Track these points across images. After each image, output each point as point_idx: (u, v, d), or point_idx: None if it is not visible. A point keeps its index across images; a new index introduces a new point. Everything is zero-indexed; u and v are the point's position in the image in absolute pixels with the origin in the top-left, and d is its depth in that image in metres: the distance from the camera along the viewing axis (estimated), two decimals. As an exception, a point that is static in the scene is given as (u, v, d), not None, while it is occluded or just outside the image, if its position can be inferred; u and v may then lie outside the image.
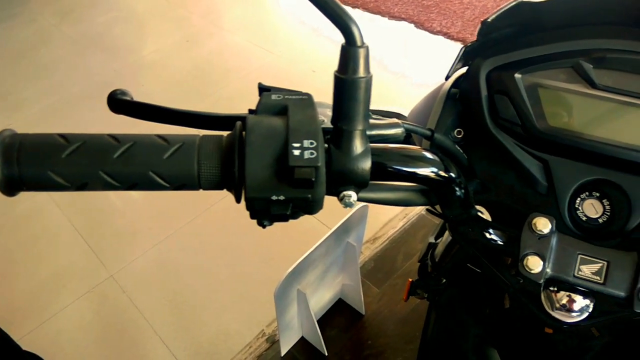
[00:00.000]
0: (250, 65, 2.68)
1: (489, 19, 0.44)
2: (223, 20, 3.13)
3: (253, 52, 2.77)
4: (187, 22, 3.13)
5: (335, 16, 0.30)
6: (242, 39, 2.89)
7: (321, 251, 1.24)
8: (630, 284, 0.42)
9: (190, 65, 2.72)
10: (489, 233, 0.47)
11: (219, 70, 2.66)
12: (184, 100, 2.45)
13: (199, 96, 2.46)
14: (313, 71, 2.58)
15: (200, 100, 2.42)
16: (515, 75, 0.46)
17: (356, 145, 0.34)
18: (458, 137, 0.52)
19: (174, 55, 2.82)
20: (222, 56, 2.79)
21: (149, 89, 2.58)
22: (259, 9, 3.24)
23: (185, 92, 2.52)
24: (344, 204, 0.36)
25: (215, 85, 2.51)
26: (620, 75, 0.44)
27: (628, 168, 0.45)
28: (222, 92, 2.46)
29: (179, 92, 2.52)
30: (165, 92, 2.54)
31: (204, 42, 2.91)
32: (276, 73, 2.58)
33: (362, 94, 0.33)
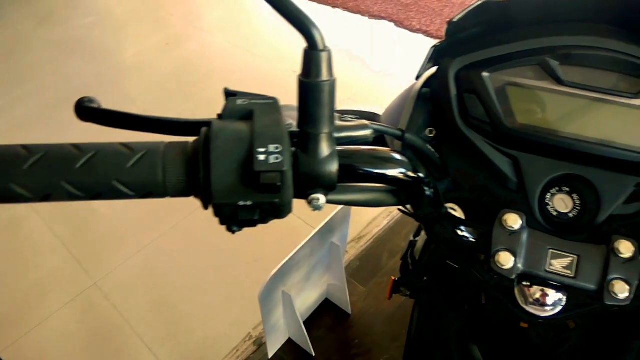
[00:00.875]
0: (232, 66, 2.67)
1: (455, 19, 0.45)
2: (203, 21, 3.11)
3: (234, 53, 2.76)
4: (167, 24, 3.11)
5: (296, 21, 0.30)
6: (222, 40, 2.88)
7: (305, 252, 1.24)
8: (600, 277, 0.43)
9: (171, 68, 2.70)
10: (461, 230, 0.47)
11: (200, 72, 2.65)
12: (165, 103, 2.43)
13: (180, 99, 2.45)
14: (294, 71, 2.56)
15: (182, 102, 2.41)
16: (483, 74, 0.47)
17: (323, 148, 0.34)
18: (430, 136, 0.52)
19: (155, 58, 2.80)
20: (202, 58, 2.78)
21: (129, 93, 2.55)
22: (238, 10, 3.23)
23: (167, 94, 2.50)
24: (313, 207, 0.36)
25: (197, 87, 2.49)
26: (586, 72, 0.45)
27: (596, 162, 0.46)
28: (203, 93, 2.45)
29: (160, 95, 2.50)
30: (146, 95, 2.52)
31: (185, 44, 2.90)
32: (257, 74, 2.57)
33: (326, 97, 0.33)
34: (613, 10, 0.45)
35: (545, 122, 0.46)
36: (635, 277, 0.42)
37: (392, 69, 2.50)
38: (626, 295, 0.42)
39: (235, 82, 2.55)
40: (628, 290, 0.42)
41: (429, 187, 0.43)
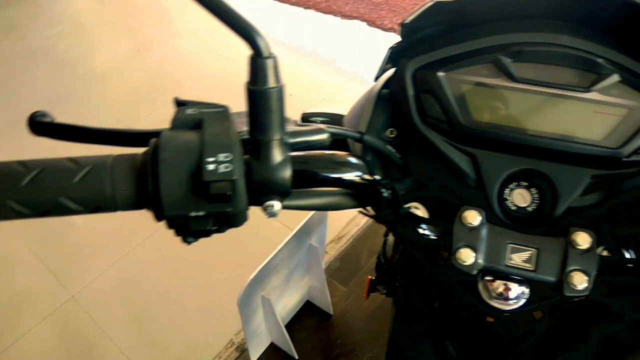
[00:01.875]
0: (205, 71, 2.65)
1: (406, 21, 0.45)
2: (174, 27, 3.09)
3: (207, 58, 2.74)
4: (137, 31, 3.07)
5: (239, 29, 0.30)
6: (195, 45, 2.85)
7: (283, 255, 1.23)
8: (559, 269, 0.44)
9: (143, 75, 2.67)
10: (422, 229, 0.48)
11: (173, 78, 2.63)
12: (138, 110, 2.40)
13: (153, 106, 2.42)
14: (268, 74, 2.56)
15: (155, 109, 2.38)
16: (439, 73, 0.47)
17: (275, 155, 0.34)
18: (391, 137, 0.52)
19: (126, 65, 2.77)
20: (175, 64, 2.75)
21: (101, 101, 2.52)
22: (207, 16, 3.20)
23: (139, 102, 2.47)
24: (268, 214, 0.36)
25: (170, 94, 2.45)
26: (539, 68, 0.46)
27: (552, 157, 0.47)
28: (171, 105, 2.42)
29: (132, 103, 2.47)
30: (118, 103, 2.48)
31: (156, 51, 2.87)
32: (231, 78, 2.55)
33: (275, 103, 0.33)
34: (564, 6, 0.46)
35: (501, 119, 0.47)
36: (593, 268, 0.43)
37: (365, 70, 2.51)
38: (585, 285, 0.43)
39: (209, 87, 2.53)
40: (586, 281, 0.43)
41: (387, 189, 0.43)
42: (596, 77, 0.45)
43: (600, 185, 0.46)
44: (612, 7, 0.44)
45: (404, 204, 0.51)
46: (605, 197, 0.46)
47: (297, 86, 2.49)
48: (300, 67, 2.61)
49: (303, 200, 0.42)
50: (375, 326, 1.51)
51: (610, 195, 0.46)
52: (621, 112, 0.45)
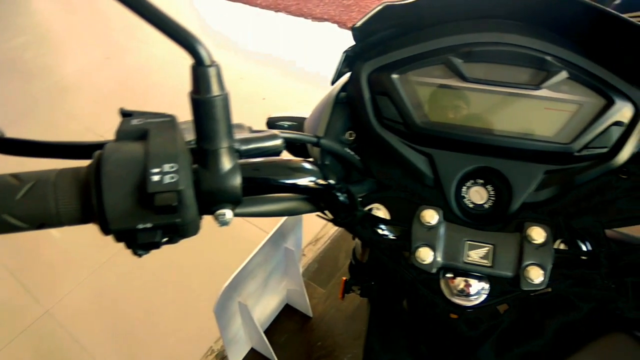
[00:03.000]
0: (176, 77, 2.62)
1: (357, 25, 0.45)
2: (144, 33, 3.05)
3: (177, 64, 2.71)
4: (106, 39, 3.03)
5: (179, 38, 0.30)
6: (165, 52, 2.82)
7: (258, 260, 1.23)
8: (516, 264, 0.45)
9: (113, 83, 2.64)
10: (381, 229, 0.48)
11: (143, 85, 2.60)
12: (109, 120, 2.35)
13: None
14: (241, 78, 2.56)
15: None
16: (393, 75, 0.48)
17: (223, 163, 0.34)
18: (350, 139, 0.53)
19: (95, 74, 2.73)
20: (145, 71, 2.72)
21: (70, 111, 2.47)
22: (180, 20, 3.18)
23: (109, 111, 2.41)
24: (219, 223, 0.35)
25: (141, 101, 2.44)
26: (489, 67, 0.47)
27: (505, 154, 0.48)
28: (147, 107, 2.39)
29: (102, 113, 2.43)
30: (88, 112, 2.44)
31: (126, 58, 2.83)
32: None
33: (220, 112, 0.33)
34: (512, 5, 0.47)
35: (455, 119, 0.48)
36: (549, 262, 0.44)
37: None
38: (541, 279, 0.44)
39: (180, 92, 2.50)
40: (542, 275, 0.44)
41: (342, 193, 0.43)
42: (545, 75, 0.46)
43: (554, 180, 0.47)
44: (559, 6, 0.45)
45: (365, 205, 0.52)
46: (560, 192, 0.48)
47: (270, 90, 2.49)
48: (273, 71, 2.60)
49: (257, 207, 0.42)
50: (355, 326, 1.51)
51: (564, 189, 0.47)
52: (571, 107, 0.46)
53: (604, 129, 0.45)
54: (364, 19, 0.45)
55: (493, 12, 0.48)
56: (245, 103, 2.43)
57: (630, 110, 0.46)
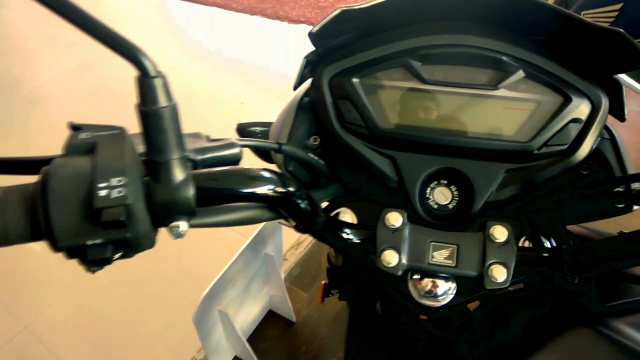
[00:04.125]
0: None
1: (313, 30, 0.45)
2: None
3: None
4: (80, 48, 2.98)
5: (121, 50, 0.29)
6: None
7: (238, 267, 1.22)
8: (479, 263, 0.45)
9: (88, 92, 2.60)
10: (346, 234, 0.48)
11: (119, 93, 2.56)
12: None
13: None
14: (218, 82, 2.54)
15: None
16: (353, 80, 0.48)
17: (175, 175, 0.33)
18: (315, 144, 0.52)
19: (69, 83, 2.69)
20: (120, 79, 2.68)
21: (44, 122, 2.43)
22: (151, 26, 3.15)
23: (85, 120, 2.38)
24: (174, 235, 0.35)
25: (115, 110, 2.40)
26: (448, 69, 0.47)
27: (467, 154, 0.48)
28: (122, 116, 2.37)
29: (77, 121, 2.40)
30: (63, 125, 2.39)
31: (100, 67, 2.79)
32: (179, 88, 2.51)
33: (169, 123, 0.32)
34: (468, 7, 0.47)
35: (416, 121, 0.48)
36: (512, 260, 0.44)
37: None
38: (505, 278, 0.44)
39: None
40: (506, 273, 0.44)
41: (303, 200, 0.43)
42: (503, 75, 0.46)
43: (515, 178, 0.48)
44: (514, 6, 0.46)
45: (332, 210, 0.52)
46: (522, 190, 0.48)
47: (248, 94, 2.48)
48: (251, 74, 2.59)
49: (214, 217, 0.41)
50: (339, 329, 1.51)
51: (526, 187, 0.48)
52: (530, 106, 0.46)
53: (562, 126, 0.46)
54: (320, 24, 0.45)
55: (450, 14, 0.48)
56: (223, 107, 2.42)
57: (587, 107, 0.46)
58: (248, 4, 3.06)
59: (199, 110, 2.39)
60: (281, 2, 3.02)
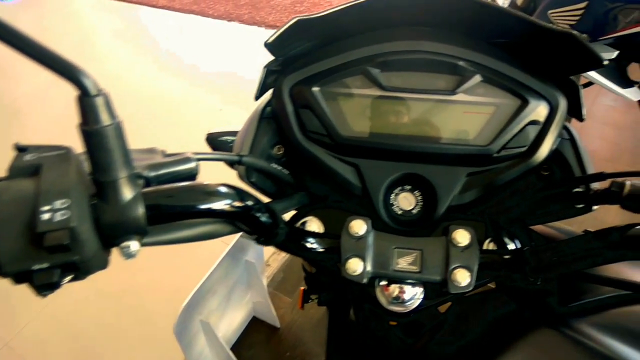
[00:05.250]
0: (130, 93, 2.58)
1: (269, 41, 0.45)
2: (96, 50, 2.99)
3: (130, 79, 2.67)
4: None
5: (62, 70, 0.29)
6: (117, 67, 2.77)
7: (218, 276, 1.21)
8: (443, 268, 0.45)
9: (65, 104, 2.56)
10: (310, 243, 0.48)
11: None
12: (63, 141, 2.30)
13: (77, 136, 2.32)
14: (199, 86, 2.53)
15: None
16: (313, 88, 0.48)
17: (123, 194, 0.33)
18: (279, 154, 0.52)
19: (46, 96, 2.65)
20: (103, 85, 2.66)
21: (19, 138, 2.39)
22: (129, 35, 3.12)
23: (63, 134, 2.35)
24: (124, 255, 0.34)
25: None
26: (406, 75, 0.47)
27: (428, 159, 0.48)
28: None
29: (54, 137, 2.36)
30: (40, 137, 2.37)
31: (78, 77, 2.76)
32: (157, 96, 2.50)
33: (113, 141, 0.31)
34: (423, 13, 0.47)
35: (378, 128, 0.48)
36: (474, 263, 0.44)
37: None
38: (468, 281, 0.44)
39: (134, 107, 2.46)
40: (469, 277, 0.44)
41: (262, 213, 0.42)
42: (460, 79, 0.46)
43: (477, 182, 0.48)
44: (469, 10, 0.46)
45: (299, 219, 0.51)
46: (484, 193, 0.48)
47: (227, 101, 2.47)
48: (231, 81, 2.58)
49: (169, 234, 0.40)
50: (323, 333, 1.50)
51: (488, 190, 0.48)
52: (488, 110, 0.47)
53: (521, 128, 0.46)
54: (275, 34, 0.45)
55: (408, 20, 0.48)
56: (202, 114, 2.41)
57: (545, 108, 0.47)
58: (225, 10, 3.05)
59: (175, 117, 2.38)
60: (257, 7, 3.01)
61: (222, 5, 3.09)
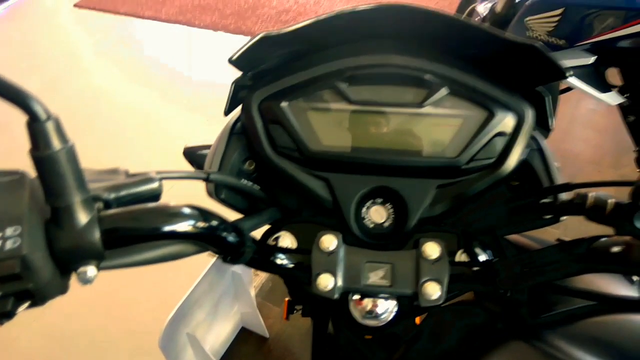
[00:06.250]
0: (115, 105, 2.57)
1: (233, 57, 0.45)
2: (81, 63, 2.97)
3: (117, 93, 2.66)
4: (42, 70, 2.93)
5: (9, 96, 0.28)
6: (104, 81, 2.76)
7: (204, 288, 1.21)
8: (413, 281, 0.45)
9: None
10: (280, 259, 0.47)
11: (83, 115, 2.52)
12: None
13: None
14: (187, 98, 2.52)
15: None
16: (282, 104, 0.48)
17: (78, 219, 0.32)
18: (250, 169, 0.52)
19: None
20: (84, 100, 2.65)
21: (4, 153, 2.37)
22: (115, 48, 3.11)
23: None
24: (81, 281, 0.33)
25: (82, 134, 2.36)
26: (373, 89, 0.47)
27: (399, 172, 0.48)
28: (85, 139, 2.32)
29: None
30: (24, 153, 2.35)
31: (64, 88, 2.74)
32: (144, 107, 2.49)
33: (66, 166, 0.31)
34: (389, 27, 0.48)
35: (347, 141, 0.48)
36: (445, 276, 0.44)
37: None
38: (439, 294, 0.44)
39: (122, 122, 2.46)
40: (440, 290, 0.44)
41: (229, 232, 0.41)
42: (427, 92, 0.47)
43: (447, 194, 0.48)
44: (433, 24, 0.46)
45: (271, 234, 0.51)
46: (454, 205, 0.48)
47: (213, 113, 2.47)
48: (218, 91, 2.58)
49: (130, 257, 0.38)
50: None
51: (458, 202, 0.48)
52: (456, 122, 0.47)
53: (488, 140, 0.47)
54: (240, 50, 0.45)
55: (373, 33, 0.48)
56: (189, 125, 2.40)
57: (512, 120, 0.47)
58: (211, 20, 3.05)
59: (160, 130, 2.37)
60: (244, 17, 3.02)
61: (208, 15, 3.10)
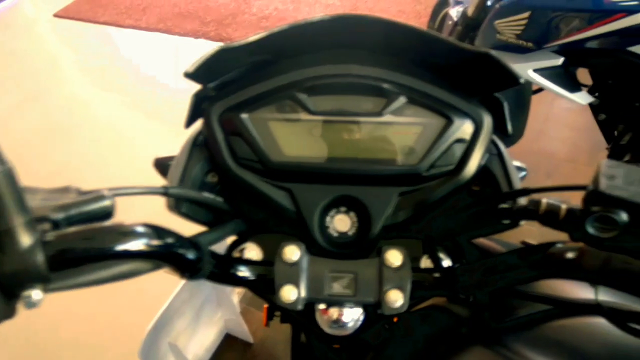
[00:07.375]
0: (97, 115, 2.55)
1: (188, 70, 0.45)
2: (65, 73, 2.95)
3: (101, 103, 2.64)
4: (26, 80, 2.89)
5: None
6: (87, 91, 2.74)
7: (184, 297, 1.20)
8: (376, 289, 0.45)
9: (35, 127, 2.52)
10: (242, 272, 0.48)
11: (66, 128, 2.50)
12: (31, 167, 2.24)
13: (45, 162, 2.26)
14: (168, 106, 2.51)
15: (45, 164, 2.24)
16: (242, 115, 0.48)
17: (20, 242, 0.31)
18: (214, 181, 0.52)
19: (12, 120, 2.60)
20: (67, 112, 2.62)
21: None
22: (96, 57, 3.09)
23: (31, 157, 2.31)
24: (26, 305, 0.32)
25: (64, 147, 2.34)
26: (332, 99, 0.48)
27: (361, 181, 0.49)
28: (72, 148, 2.31)
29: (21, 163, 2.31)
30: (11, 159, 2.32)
31: (48, 99, 2.71)
32: (127, 119, 2.48)
33: (4, 188, 0.30)
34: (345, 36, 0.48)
35: (308, 151, 0.48)
36: (407, 283, 0.45)
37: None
38: (401, 302, 0.45)
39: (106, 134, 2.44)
40: (402, 297, 0.45)
41: (186, 248, 0.41)
42: (386, 101, 0.47)
43: (409, 201, 0.49)
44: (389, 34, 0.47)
45: (237, 246, 0.51)
46: (417, 211, 0.49)
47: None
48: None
49: (80, 278, 0.36)
50: (295, 348, 1.50)
51: (420, 209, 0.49)
52: (415, 130, 0.48)
53: (447, 147, 0.47)
54: (196, 64, 0.45)
55: (332, 43, 0.49)
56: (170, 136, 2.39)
57: (470, 126, 0.48)
58: (191, 28, 3.04)
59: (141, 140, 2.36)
60: (224, 24, 3.02)
61: (188, 23, 3.09)
